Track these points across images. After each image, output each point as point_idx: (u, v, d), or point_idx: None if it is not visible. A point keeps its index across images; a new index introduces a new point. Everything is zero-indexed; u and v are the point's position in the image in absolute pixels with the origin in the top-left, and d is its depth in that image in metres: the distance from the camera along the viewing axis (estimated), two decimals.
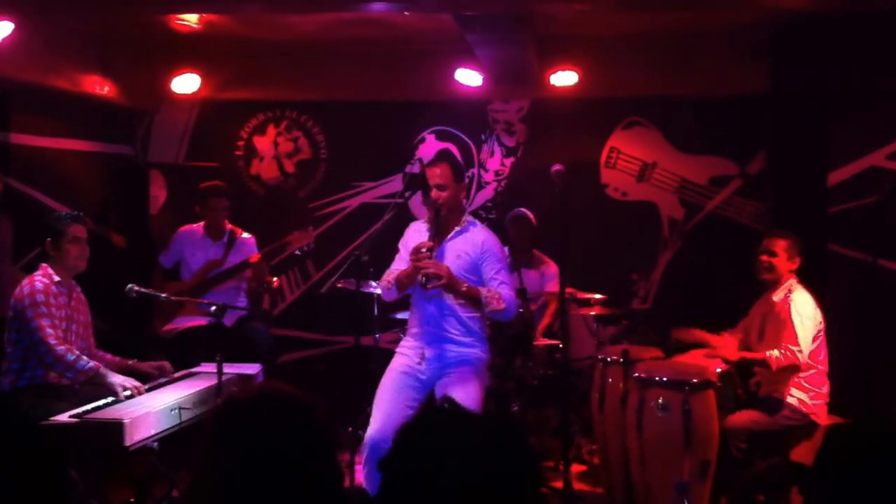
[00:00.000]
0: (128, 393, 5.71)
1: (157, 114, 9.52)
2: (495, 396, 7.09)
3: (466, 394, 5.66)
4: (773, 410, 6.34)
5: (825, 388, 6.41)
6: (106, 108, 8.70)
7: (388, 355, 6.20)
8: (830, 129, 8.15)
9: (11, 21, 6.71)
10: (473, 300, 5.87)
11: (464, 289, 5.81)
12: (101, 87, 8.45)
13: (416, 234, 6.08)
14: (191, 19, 7.77)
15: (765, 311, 6.57)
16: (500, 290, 5.87)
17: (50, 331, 5.82)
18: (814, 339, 6.31)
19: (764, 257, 6.52)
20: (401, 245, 6.20)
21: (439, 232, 5.96)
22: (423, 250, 5.72)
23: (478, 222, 6.17)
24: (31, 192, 7.98)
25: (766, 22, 7.82)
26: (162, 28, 7.96)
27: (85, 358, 5.88)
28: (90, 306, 6.40)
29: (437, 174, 5.94)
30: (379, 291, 6.44)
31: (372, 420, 5.79)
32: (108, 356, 6.34)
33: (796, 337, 6.23)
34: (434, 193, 5.91)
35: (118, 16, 7.52)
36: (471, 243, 5.97)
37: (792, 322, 6.27)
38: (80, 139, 8.68)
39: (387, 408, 5.80)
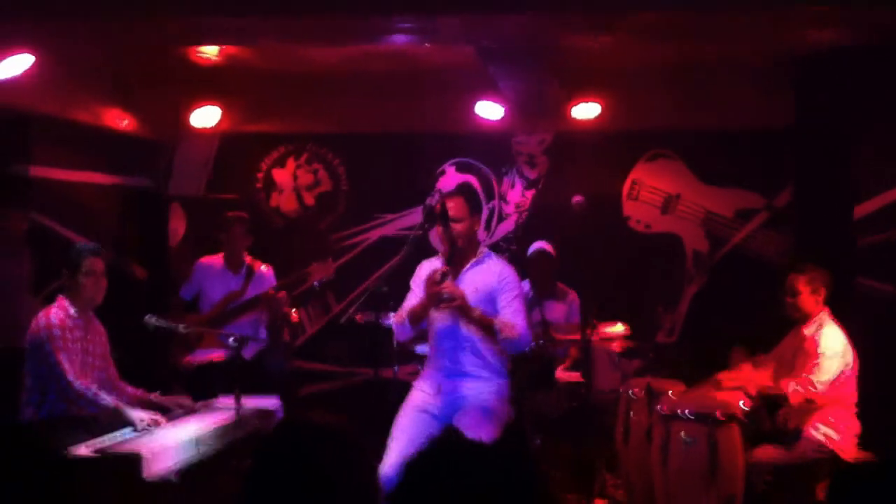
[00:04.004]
0: (145, 425, 5.67)
1: (178, 146, 9.52)
2: (517, 431, 7.01)
3: (482, 430, 5.57)
4: (800, 445, 6.24)
5: (853, 424, 6.30)
6: (126, 140, 8.71)
7: (407, 388, 6.15)
8: (857, 161, 8.07)
9: (32, 54, 6.72)
10: (485, 327, 5.80)
11: (476, 314, 5.75)
12: (122, 120, 8.46)
13: (429, 270, 6.04)
14: (211, 52, 7.77)
15: (796, 344, 6.47)
16: (513, 319, 5.81)
17: (68, 366, 5.79)
18: (840, 375, 6.20)
19: (788, 299, 6.44)
20: (413, 283, 6.16)
21: (456, 264, 5.92)
22: (437, 276, 5.68)
23: (494, 254, 6.13)
24: (52, 224, 7.97)
25: (790, 54, 7.76)
26: (182, 61, 7.96)
27: (103, 393, 5.85)
28: (109, 337, 6.35)
29: (450, 207, 5.91)
30: (393, 329, 6.35)
31: (386, 456, 5.72)
32: (130, 389, 6.31)
33: (817, 372, 6.14)
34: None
35: (138, 48, 7.51)
36: (488, 274, 5.94)
37: (818, 356, 6.18)
38: (101, 172, 8.67)
39: (402, 444, 5.73)
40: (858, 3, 6.09)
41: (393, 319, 6.17)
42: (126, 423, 5.70)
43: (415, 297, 6.06)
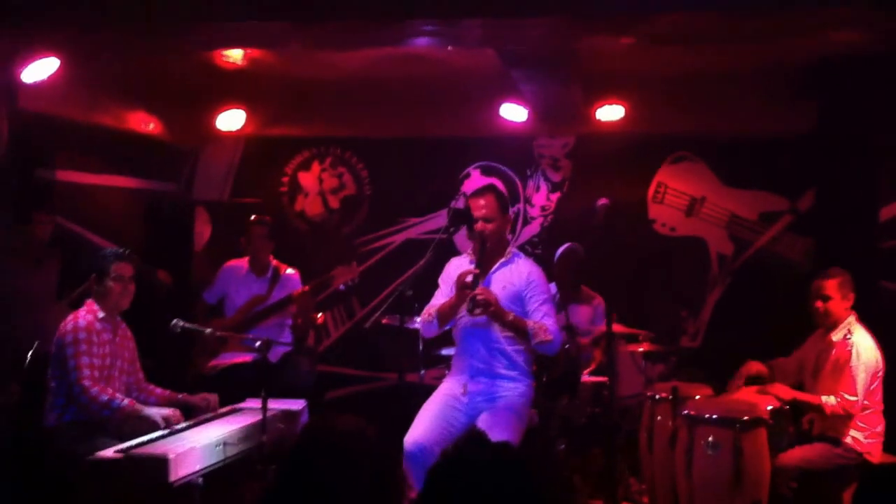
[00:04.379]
0: (167, 422, 5.72)
1: (203, 151, 9.55)
2: (541, 436, 6.99)
3: (506, 431, 5.57)
4: (827, 449, 6.21)
5: (880, 427, 6.27)
6: (151, 144, 8.74)
7: (433, 392, 6.13)
8: (881, 165, 8.04)
9: (57, 58, 6.74)
10: (519, 331, 5.79)
11: (510, 318, 5.74)
12: (146, 124, 8.49)
13: (457, 268, 6.01)
14: (235, 57, 7.79)
15: (821, 348, 6.42)
16: (544, 321, 5.80)
17: (87, 371, 5.81)
18: (871, 381, 6.17)
19: (819, 304, 6.35)
20: (441, 280, 6.15)
21: (484, 264, 5.90)
22: (468, 278, 5.66)
23: (523, 254, 6.11)
24: (76, 228, 8.00)
25: (813, 59, 7.72)
26: (207, 65, 7.98)
27: (119, 396, 5.88)
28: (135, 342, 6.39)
29: (481, 205, 5.91)
30: (420, 326, 6.36)
31: (412, 427, 5.74)
32: (158, 390, 6.36)
33: (854, 385, 6.09)
34: (479, 225, 5.87)
35: (162, 53, 7.53)
36: (516, 274, 5.92)
37: (851, 368, 6.12)
38: (125, 176, 8.71)
39: (428, 419, 5.77)
40: (877, 6, 6.06)
41: (420, 317, 6.16)
42: (147, 423, 5.75)
43: (443, 294, 6.06)
